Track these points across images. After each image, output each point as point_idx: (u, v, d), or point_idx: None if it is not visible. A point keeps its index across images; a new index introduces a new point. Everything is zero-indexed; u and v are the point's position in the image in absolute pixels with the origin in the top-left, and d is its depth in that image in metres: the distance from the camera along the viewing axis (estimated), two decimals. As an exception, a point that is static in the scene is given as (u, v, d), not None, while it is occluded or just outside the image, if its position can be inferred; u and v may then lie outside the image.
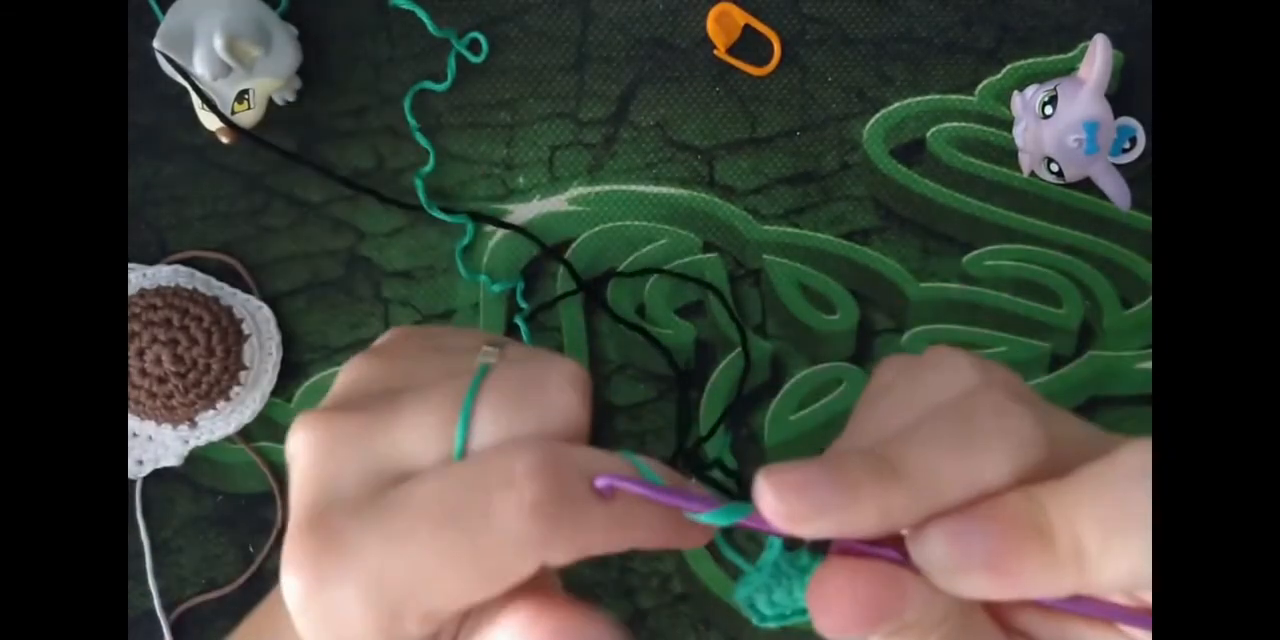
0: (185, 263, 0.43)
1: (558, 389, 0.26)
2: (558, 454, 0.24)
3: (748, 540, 0.41)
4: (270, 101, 0.42)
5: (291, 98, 0.43)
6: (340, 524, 0.25)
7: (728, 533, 0.25)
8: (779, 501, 0.22)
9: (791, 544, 0.24)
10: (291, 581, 0.25)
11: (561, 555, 0.24)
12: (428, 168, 0.43)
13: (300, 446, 0.27)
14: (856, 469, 0.22)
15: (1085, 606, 0.23)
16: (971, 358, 0.26)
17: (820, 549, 0.24)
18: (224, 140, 0.41)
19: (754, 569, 0.24)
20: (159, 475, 0.43)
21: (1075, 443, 0.24)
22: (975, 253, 0.44)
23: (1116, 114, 0.40)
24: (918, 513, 0.22)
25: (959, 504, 0.22)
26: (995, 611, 0.26)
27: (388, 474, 0.26)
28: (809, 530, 0.22)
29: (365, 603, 0.24)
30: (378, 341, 0.29)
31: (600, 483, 0.23)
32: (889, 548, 0.23)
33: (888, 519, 0.22)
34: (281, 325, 0.43)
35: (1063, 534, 0.22)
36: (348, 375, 0.27)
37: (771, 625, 0.24)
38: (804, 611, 0.24)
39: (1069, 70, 0.43)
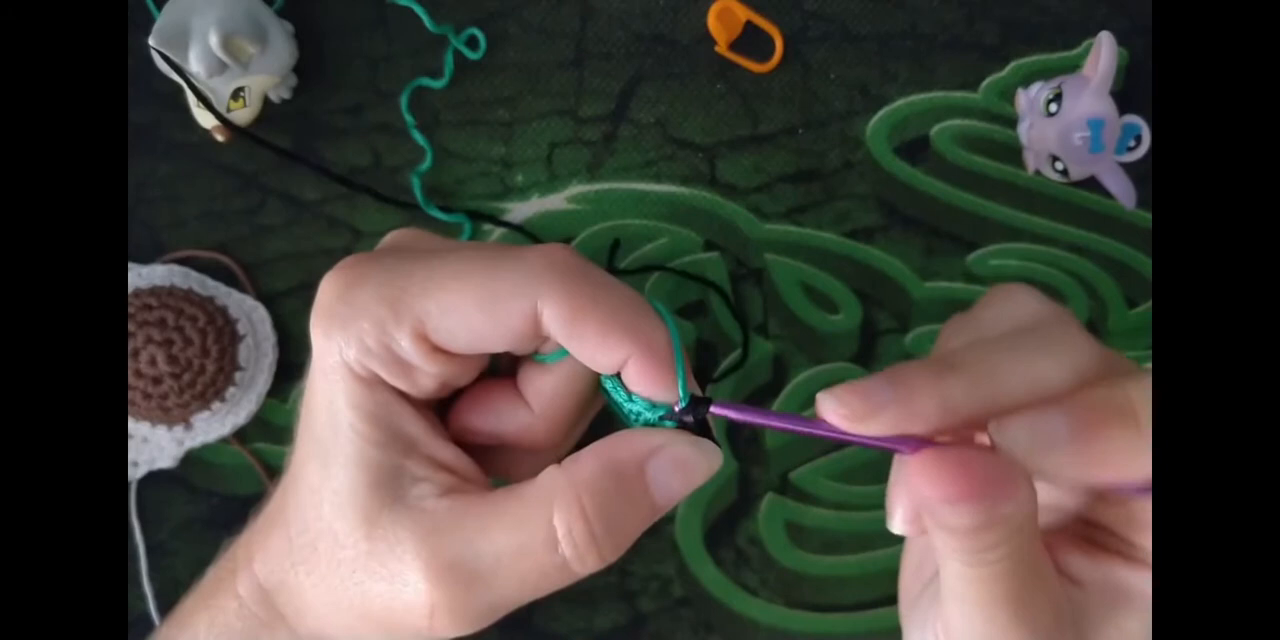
0: (180, 262, 0.43)
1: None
2: (584, 259, 0.27)
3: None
4: (266, 99, 0.42)
5: (287, 95, 0.43)
6: (370, 255, 0.28)
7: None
8: (840, 404, 0.23)
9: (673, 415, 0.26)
10: (327, 279, 0.27)
11: (558, 304, 0.26)
12: (425, 166, 0.43)
13: (328, 282, 0.28)
14: (913, 370, 0.23)
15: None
16: (1039, 293, 0.28)
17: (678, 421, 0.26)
18: (219, 138, 0.41)
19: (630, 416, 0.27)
20: (154, 477, 0.42)
21: (1125, 367, 0.25)
22: (980, 252, 0.43)
23: (1121, 112, 0.40)
24: (979, 401, 0.23)
25: (1023, 400, 0.23)
26: (1063, 551, 0.27)
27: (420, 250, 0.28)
28: (873, 427, 0.23)
29: (376, 294, 0.26)
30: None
31: (716, 408, 0.26)
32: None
33: (948, 409, 0.23)
34: (277, 325, 0.43)
35: (1145, 412, 0.23)
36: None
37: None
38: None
39: (1074, 67, 0.42)
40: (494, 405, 0.29)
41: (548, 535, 0.25)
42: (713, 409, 0.26)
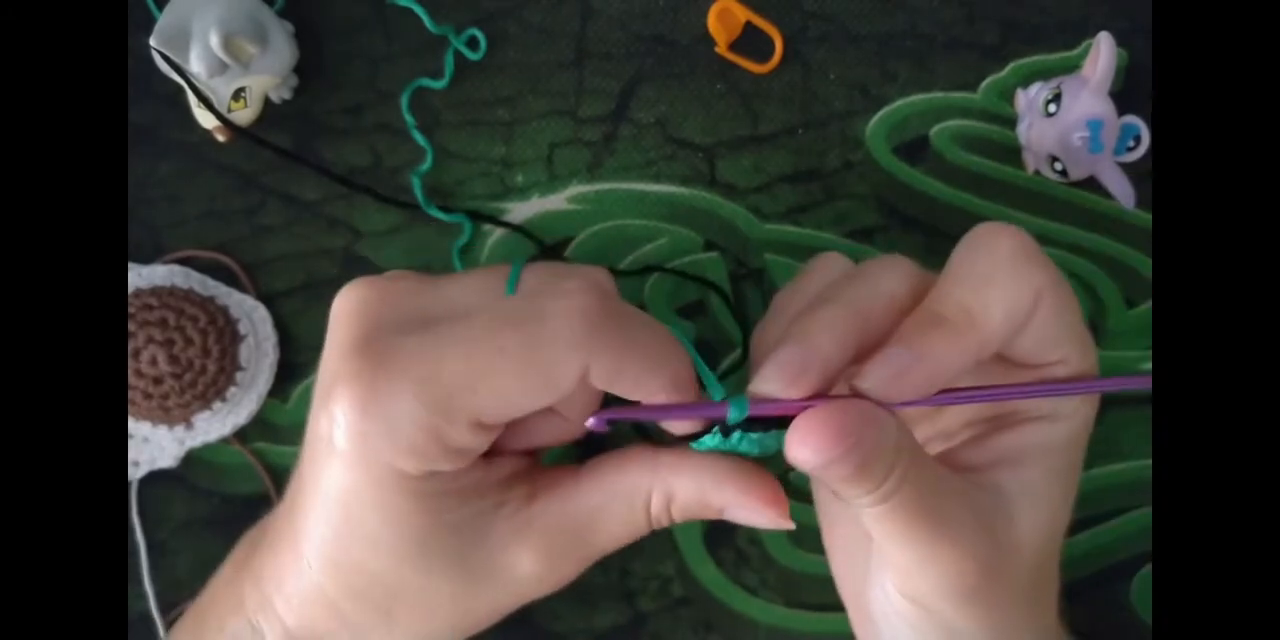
0: (181, 262, 0.43)
1: (590, 272, 0.29)
2: (604, 281, 0.28)
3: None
4: (266, 99, 0.42)
5: (288, 95, 0.43)
6: (393, 340, 0.26)
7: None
8: (776, 376, 0.26)
9: (725, 431, 0.27)
10: (344, 393, 0.26)
11: (605, 361, 0.26)
12: (425, 166, 0.43)
13: (347, 300, 0.28)
14: (810, 323, 0.27)
15: (1017, 389, 0.28)
16: (844, 256, 0.33)
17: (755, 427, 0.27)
18: (220, 138, 0.41)
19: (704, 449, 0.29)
20: (154, 477, 0.42)
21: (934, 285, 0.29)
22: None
23: (1121, 112, 0.40)
24: (854, 332, 0.27)
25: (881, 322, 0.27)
26: (950, 457, 0.30)
27: (438, 315, 0.27)
28: (801, 388, 0.26)
29: (419, 402, 0.25)
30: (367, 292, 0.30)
31: (591, 422, 0.26)
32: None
33: (843, 347, 0.26)
34: (278, 325, 0.43)
35: (948, 307, 0.26)
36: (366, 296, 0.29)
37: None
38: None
39: (1073, 68, 0.42)
40: (528, 425, 0.29)
41: (645, 507, 0.29)
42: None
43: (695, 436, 0.28)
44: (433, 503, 0.27)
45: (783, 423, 0.26)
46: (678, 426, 0.28)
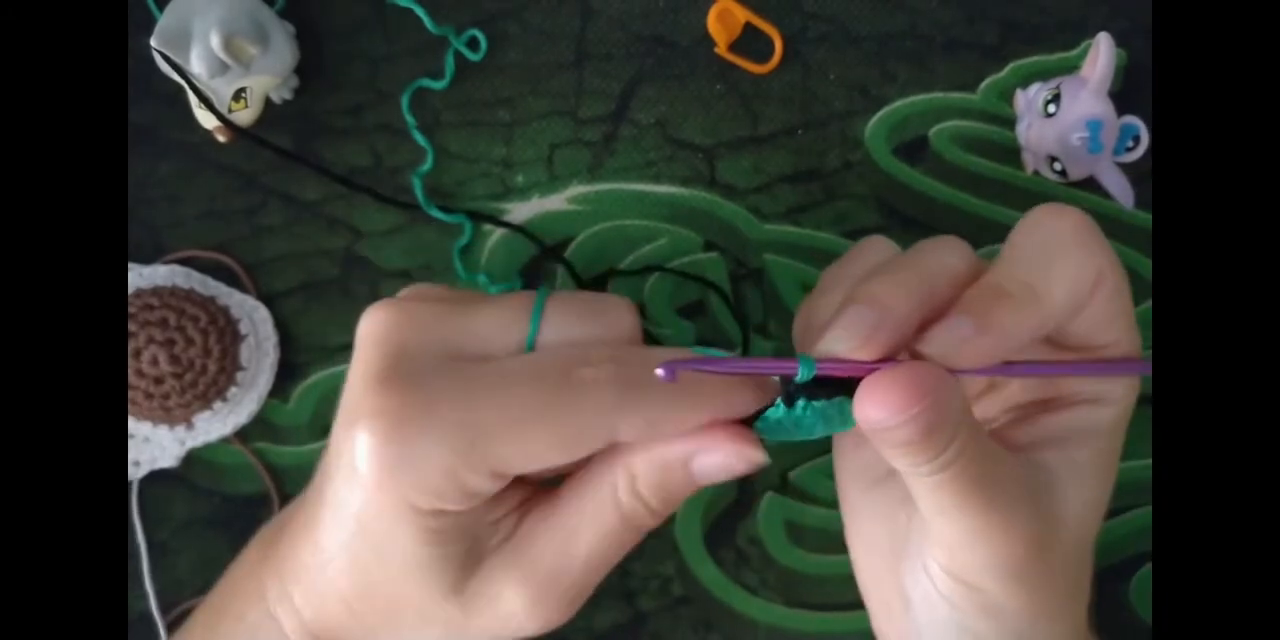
0: (181, 262, 0.43)
1: (616, 309, 0.29)
2: (625, 351, 0.27)
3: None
4: (267, 99, 0.42)
5: (289, 96, 0.43)
6: (422, 377, 0.26)
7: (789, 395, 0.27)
8: (845, 336, 0.25)
9: (789, 400, 0.27)
10: (370, 426, 0.26)
11: (634, 427, 0.26)
12: (425, 166, 0.43)
13: (373, 323, 0.28)
14: (878, 288, 0.26)
15: (1080, 366, 0.28)
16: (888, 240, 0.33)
17: (818, 395, 0.27)
18: (220, 138, 0.41)
19: (768, 427, 0.28)
20: (155, 476, 0.42)
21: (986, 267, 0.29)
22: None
23: (1120, 112, 0.40)
24: (922, 299, 0.27)
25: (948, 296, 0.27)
26: (997, 436, 0.30)
27: (464, 351, 0.27)
28: (871, 349, 0.25)
29: (446, 448, 0.25)
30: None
31: (662, 371, 0.25)
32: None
33: (911, 310, 0.26)
34: (278, 325, 0.43)
35: (1012, 283, 0.26)
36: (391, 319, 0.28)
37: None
38: (794, 440, 0.28)
39: (1072, 68, 0.42)
40: None
41: (612, 497, 0.28)
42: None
43: (759, 416, 0.28)
44: (435, 536, 0.27)
45: (848, 391, 0.26)
46: (739, 403, 0.28)
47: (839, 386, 0.26)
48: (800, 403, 0.26)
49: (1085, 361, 0.29)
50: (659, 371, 0.25)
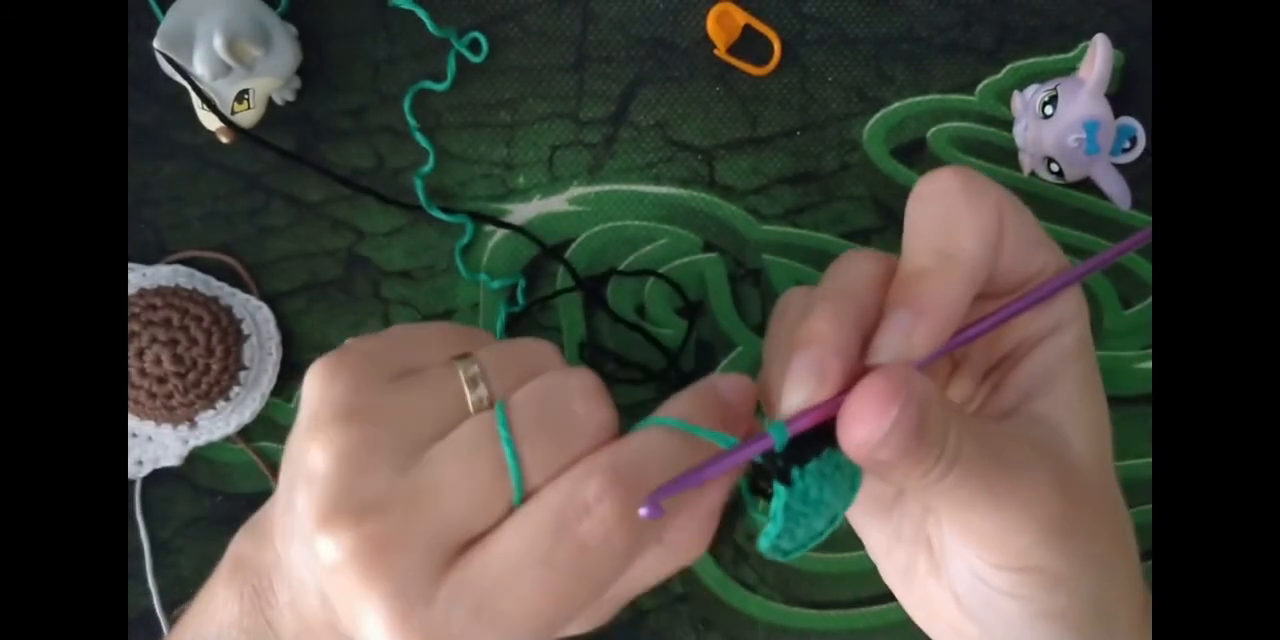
0: (184, 262, 0.43)
1: (583, 406, 0.27)
2: (615, 469, 0.25)
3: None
4: (270, 101, 0.42)
5: (291, 97, 0.43)
6: (431, 616, 0.25)
7: (754, 486, 0.27)
8: (803, 387, 0.25)
9: (783, 477, 0.25)
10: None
11: (653, 552, 0.26)
12: (427, 167, 0.43)
13: (340, 555, 0.25)
14: (812, 330, 0.26)
15: (1022, 301, 0.28)
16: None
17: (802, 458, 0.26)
18: (223, 140, 0.41)
19: (770, 519, 0.26)
20: (158, 475, 0.43)
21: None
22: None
23: (1117, 114, 0.40)
24: (856, 320, 0.27)
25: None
26: (983, 413, 0.29)
27: (451, 547, 0.25)
28: (826, 388, 0.25)
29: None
30: (328, 393, 0.28)
31: (645, 510, 0.24)
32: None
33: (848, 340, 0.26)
34: (281, 325, 0.43)
35: (924, 257, 0.27)
36: (335, 453, 0.26)
37: (794, 556, 0.27)
38: (819, 534, 0.27)
39: (1069, 70, 0.43)
40: None
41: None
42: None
43: (773, 546, 0.26)
44: None
45: (831, 440, 0.25)
46: (725, 483, 0.27)
47: (821, 440, 0.25)
48: (794, 473, 0.25)
49: (1028, 293, 0.28)
50: (642, 511, 0.24)
